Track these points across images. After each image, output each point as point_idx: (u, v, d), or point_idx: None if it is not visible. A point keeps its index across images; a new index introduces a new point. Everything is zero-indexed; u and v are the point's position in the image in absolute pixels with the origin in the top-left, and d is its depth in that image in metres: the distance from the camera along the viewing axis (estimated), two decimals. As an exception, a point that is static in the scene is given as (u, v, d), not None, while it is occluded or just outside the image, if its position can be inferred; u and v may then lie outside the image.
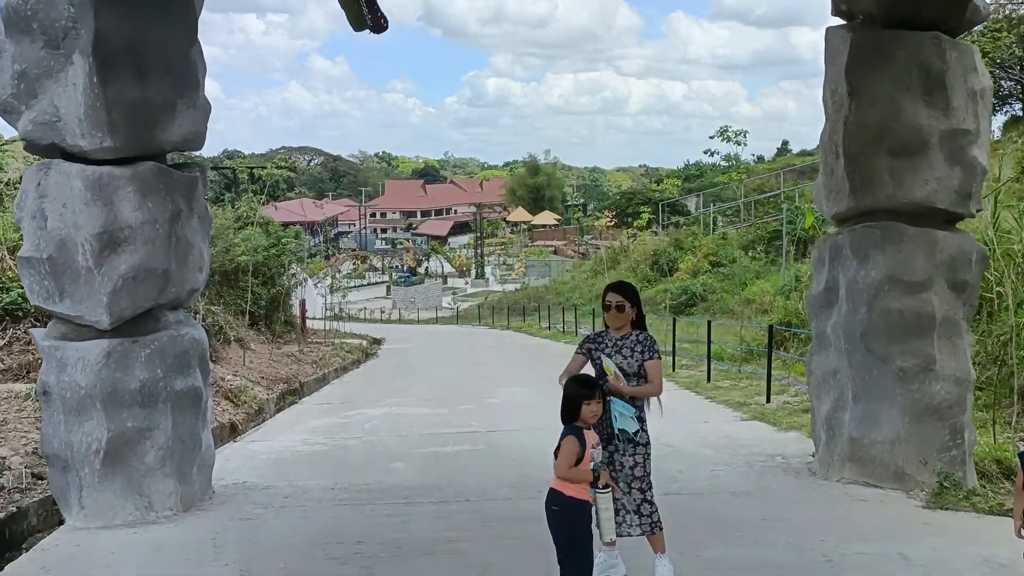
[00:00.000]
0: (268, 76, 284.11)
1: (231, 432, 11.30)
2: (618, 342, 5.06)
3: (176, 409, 6.67)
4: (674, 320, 18.72)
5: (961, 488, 6.76)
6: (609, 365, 4.90)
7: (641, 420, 5.01)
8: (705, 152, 20.02)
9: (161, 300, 6.67)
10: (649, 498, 5.01)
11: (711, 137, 19.85)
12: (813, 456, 8.05)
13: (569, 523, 4.44)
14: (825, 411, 7.47)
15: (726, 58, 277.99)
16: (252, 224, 19.99)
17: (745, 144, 17.59)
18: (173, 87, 6.54)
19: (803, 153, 68.88)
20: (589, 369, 5.10)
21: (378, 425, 11.62)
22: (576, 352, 5.19)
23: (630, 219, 71.80)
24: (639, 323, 5.15)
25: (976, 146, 6.87)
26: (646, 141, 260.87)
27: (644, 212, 44.18)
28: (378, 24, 8.16)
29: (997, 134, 50.30)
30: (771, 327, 13.70)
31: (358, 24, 8.05)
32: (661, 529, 5.02)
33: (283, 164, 21.80)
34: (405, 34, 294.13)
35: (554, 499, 4.48)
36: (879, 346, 6.97)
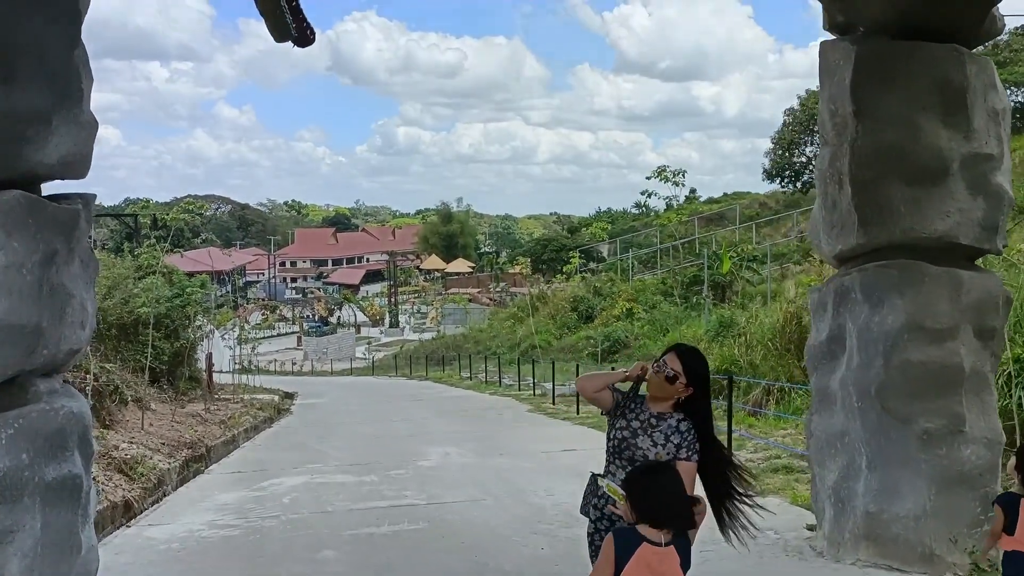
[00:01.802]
0: (172, 124, 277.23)
1: (124, 512, 9.70)
2: (652, 419, 3.92)
3: (47, 504, 5.20)
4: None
5: (998, 570, 5.78)
6: (614, 488, 3.71)
7: None
8: (642, 193, 19.48)
9: (30, 365, 5.23)
10: None
11: (648, 178, 19.20)
12: (812, 530, 7.01)
13: None
14: (831, 480, 6.45)
15: (631, 109, 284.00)
16: (155, 273, 18.29)
17: (683, 184, 16.93)
18: (49, 97, 5.19)
19: (710, 201, 69.92)
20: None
21: (298, 498, 10.17)
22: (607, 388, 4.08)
23: (544, 266, 71.41)
24: (692, 406, 3.97)
25: (1000, 173, 6.03)
26: (555, 189, 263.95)
27: (573, 258, 43.64)
28: (304, 36, 6.95)
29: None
30: (730, 377, 12.75)
31: (279, 34, 6.84)
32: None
33: (189, 208, 20.24)
34: (314, 83, 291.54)
35: None
36: (898, 404, 6.00)
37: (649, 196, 18.27)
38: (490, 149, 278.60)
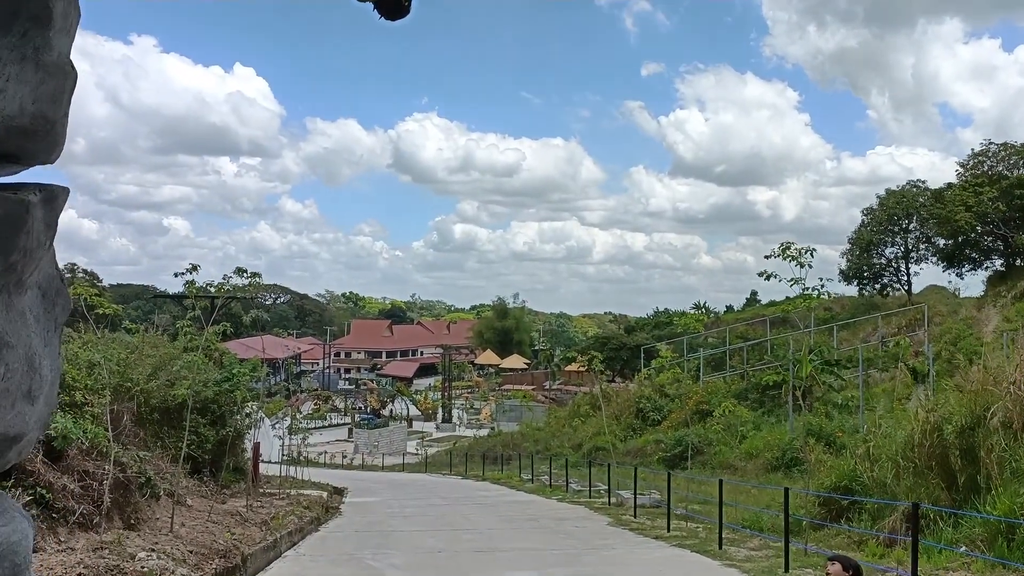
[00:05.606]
0: (238, 216, 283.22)
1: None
2: None
3: None
4: (721, 483, 15.15)
5: None
6: None
7: None
8: (759, 274, 17.24)
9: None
10: None
11: (767, 257, 16.76)
12: None
13: None
14: None
15: (686, 212, 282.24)
16: (197, 350, 16.42)
17: (811, 266, 14.58)
18: None
19: (771, 304, 67.38)
20: None
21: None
22: None
23: (603, 364, 68.81)
24: None
25: None
26: (609, 289, 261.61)
27: (663, 352, 41.23)
28: (398, 1, 4.87)
29: (981, 289, 48.91)
30: (916, 505, 10.08)
31: (365, -10, 4.79)
32: None
33: (247, 276, 18.39)
34: (375, 180, 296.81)
35: None
36: None
37: (768, 278, 16.33)
38: (545, 248, 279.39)
